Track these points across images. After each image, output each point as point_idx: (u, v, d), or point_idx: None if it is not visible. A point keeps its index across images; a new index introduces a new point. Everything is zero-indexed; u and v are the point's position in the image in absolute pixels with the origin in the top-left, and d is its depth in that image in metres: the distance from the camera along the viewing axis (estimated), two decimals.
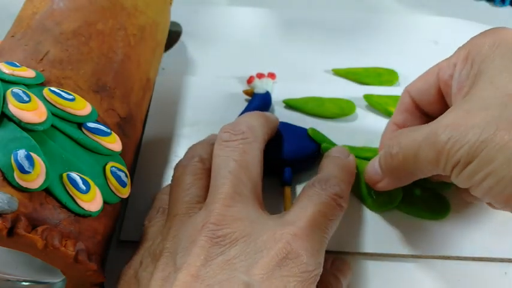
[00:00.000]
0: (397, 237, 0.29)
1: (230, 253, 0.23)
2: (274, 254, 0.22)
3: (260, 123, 0.29)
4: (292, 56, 0.42)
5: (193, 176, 0.28)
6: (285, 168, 0.32)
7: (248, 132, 0.28)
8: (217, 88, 0.38)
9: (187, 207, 0.26)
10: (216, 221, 0.24)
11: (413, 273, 0.28)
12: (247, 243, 0.23)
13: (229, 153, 0.27)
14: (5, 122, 0.24)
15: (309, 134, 0.33)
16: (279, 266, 0.22)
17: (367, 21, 0.45)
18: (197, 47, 0.42)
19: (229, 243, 0.23)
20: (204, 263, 0.22)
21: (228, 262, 0.22)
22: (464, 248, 0.29)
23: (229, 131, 0.28)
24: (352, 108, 0.36)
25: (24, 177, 0.22)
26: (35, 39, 0.28)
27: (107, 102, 0.28)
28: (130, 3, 0.32)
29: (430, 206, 0.30)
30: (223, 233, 0.23)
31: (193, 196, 0.26)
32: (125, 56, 0.30)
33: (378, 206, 0.30)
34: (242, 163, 0.26)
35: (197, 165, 0.28)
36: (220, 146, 0.27)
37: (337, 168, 0.29)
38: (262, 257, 0.22)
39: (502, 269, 0.29)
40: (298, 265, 0.22)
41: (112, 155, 0.27)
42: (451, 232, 0.30)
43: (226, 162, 0.26)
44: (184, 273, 0.22)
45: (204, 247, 0.23)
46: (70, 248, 0.22)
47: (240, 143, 0.27)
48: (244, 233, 0.23)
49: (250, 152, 0.27)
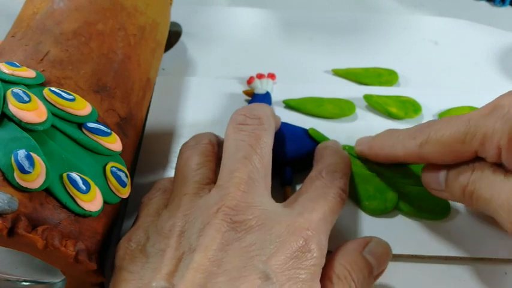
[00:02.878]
0: (397, 237, 0.29)
1: (246, 240, 0.23)
2: (289, 246, 0.23)
3: (272, 114, 0.29)
4: (292, 56, 0.42)
5: (204, 156, 0.27)
6: (285, 168, 0.32)
7: (264, 118, 0.28)
8: (217, 88, 0.38)
9: (197, 187, 0.26)
10: (232, 205, 0.24)
11: (413, 273, 0.28)
12: (262, 232, 0.23)
13: (244, 137, 0.27)
14: (5, 122, 0.24)
15: (309, 133, 0.33)
16: (293, 258, 0.22)
17: (367, 21, 0.45)
18: (197, 47, 0.42)
19: (244, 230, 0.23)
20: (221, 247, 0.22)
21: (244, 249, 0.23)
22: (464, 248, 0.29)
23: (244, 114, 0.28)
24: (352, 108, 0.36)
25: (24, 177, 0.22)
26: (35, 40, 0.28)
27: (107, 102, 0.28)
28: (131, 3, 0.32)
29: (430, 206, 0.30)
30: (239, 218, 0.23)
31: (203, 177, 0.26)
32: (125, 56, 0.30)
33: (373, 210, 0.30)
34: (257, 149, 0.26)
35: (207, 147, 0.28)
36: (235, 128, 0.27)
37: (341, 160, 0.29)
38: (277, 248, 0.23)
39: (502, 269, 0.29)
40: (310, 259, 0.23)
41: (112, 155, 0.27)
42: (451, 232, 0.30)
43: (241, 146, 0.26)
44: (201, 255, 0.22)
45: (220, 230, 0.23)
46: (70, 248, 0.22)
47: (255, 128, 0.27)
48: (259, 221, 0.23)
49: (264, 139, 0.27)
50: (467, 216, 0.30)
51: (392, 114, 0.35)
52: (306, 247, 0.23)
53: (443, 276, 0.28)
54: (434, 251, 0.29)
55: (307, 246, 0.23)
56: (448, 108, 0.36)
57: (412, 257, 0.29)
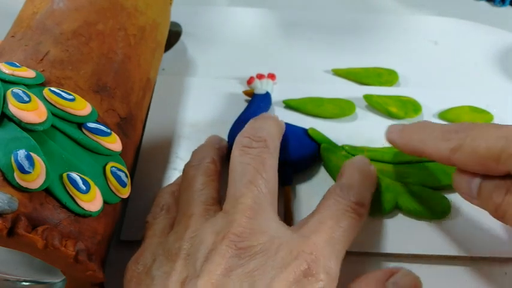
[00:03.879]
0: (397, 237, 0.29)
1: (249, 266, 0.23)
2: (291, 271, 0.22)
3: (277, 131, 0.29)
4: (292, 56, 0.42)
5: (207, 176, 0.28)
6: (286, 168, 0.32)
7: (269, 141, 0.28)
8: (217, 89, 0.38)
9: (203, 208, 0.26)
10: (238, 232, 0.24)
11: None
12: (266, 258, 0.23)
13: (250, 161, 0.26)
14: (5, 122, 0.24)
15: (309, 134, 0.33)
16: (296, 282, 0.22)
17: (367, 21, 0.45)
18: (197, 47, 0.42)
19: (249, 256, 0.23)
20: (225, 272, 0.22)
21: (247, 274, 0.22)
22: (464, 247, 0.29)
23: (249, 137, 0.28)
24: (352, 108, 0.36)
25: (24, 177, 0.22)
26: (35, 40, 0.28)
27: (107, 102, 0.28)
28: (131, 3, 0.32)
29: (430, 206, 0.30)
30: (244, 245, 0.23)
31: (208, 197, 0.26)
32: (125, 56, 0.30)
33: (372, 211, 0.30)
34: (263, 173, 0.26)
35: (210, 166, 0.28)
36: (240, 151, 0.27)
37: (361, 175, 0.28)
38: (281, 273, 0.22)
39: (502, 269, 0.29)
40: (314, 283, 0.22)
41: (112, 155, 0.27)
42: (451, 232, 0.30)
43: (246, 170, 0.26)
44: (205, 280, 0.22)
45: (224, 256, 0.23)
46: (70, 248, 0.22)
47: (260, 151, 0.27)
48: (264, 247, 0.23)
49: (270, 161, 0.27)
50: (467, 216, 0.30)
51: (393, 114, 0.35)
52: (309, 271, 0.23)
53: (443, 276, 0.28)
54: (434, 250, 0.29)
55: (310, 270, 0.23)
56: (448, 108, 0.36)
57: (412, 256, 0.29)
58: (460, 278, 0.28)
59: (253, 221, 0.24)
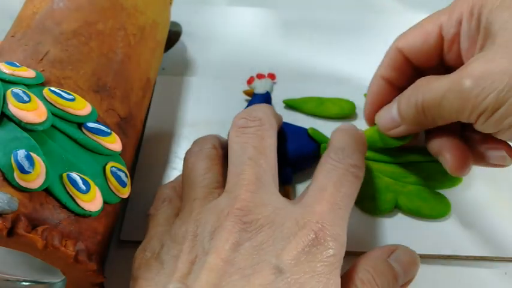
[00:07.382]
0: (397, 237, 0.29)
1: (257, 239, 0.23)
2: (299, 241, 0.23)
3: (273, 113, 0.29)
4: (292, 56, 0.42)
5: (210, 161, 0.28)
6: (286, 168, 0.32)
7: (265, 119, 0.28)
8: (217, 88, 0.38)
9: (207, 191, 0.26)
10: (242, 207, 0.24)
11: None
12: (272, 230, 0.23)
13: (247, 140, 0.27)
14: (5, 122, 0.24)
15: (309, 133, 0.33)
16: (305, 252, 0.22)
17: (367, 21, 0.45)
18: (197, 47, 0.42)
19: (255, 229, 0.23)
20: (233, 247, 0.23)
21: (256, 247, 0.23)
22: (464, 247, 0.29)
23: (245, 117, 0.28)
24: (352, 108, 0.36)
25: (24, 177, 0.22)
26: (35, 39, 0.28)
27: (107, 102, 0.28)
28: (130, 3, 0.32)
29: (430, 205, 0.30)
30: (249, 219, 0.23)
31: (211, 181, 0.27)
32: (125, 56, 0.30)
33: (372, 211, 0.30)
34: (261, 149, 0.26)
35: (212, 151, 0.28)
36: (237, 132, 0.27)
37: (351, 138, 0.28)
38: (289, 243, 0.23)
39: (502, 269, 0.29)
40: (323, 251, 0.23)
41: (112, 155, 0.27)
42: (451, 232, 0.30)
43: (244, 149, 0.26)
44: (214, 256, 0.22)
45: (231, 232, 0.23)
46: (70, 248, 0.22)
47: (257, 129, 0.27)
48: (269, 219, 0.24)
49: (267, 138, 0.27)
50: (467, 216, 0.30)
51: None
52: (317, 240, 0.23)
53: (443, 275, 0.28)
54: (434, 250, 0.29)
55: (318, 239, 0.23)
56: None
57: None
58: (460, 278, 0.28)
59: (256, 195, 0.24)
